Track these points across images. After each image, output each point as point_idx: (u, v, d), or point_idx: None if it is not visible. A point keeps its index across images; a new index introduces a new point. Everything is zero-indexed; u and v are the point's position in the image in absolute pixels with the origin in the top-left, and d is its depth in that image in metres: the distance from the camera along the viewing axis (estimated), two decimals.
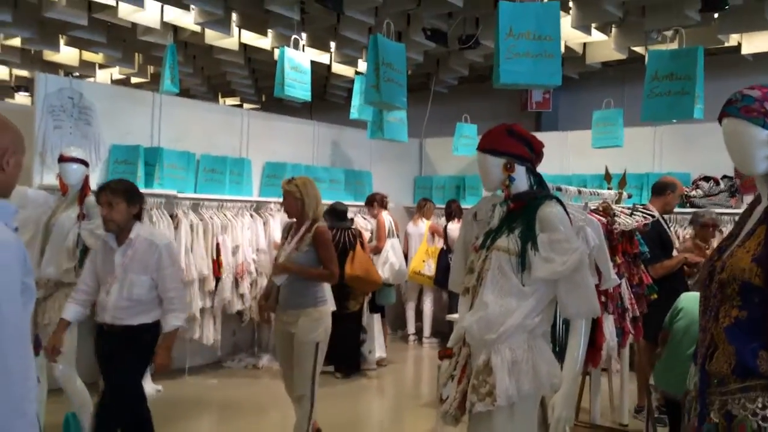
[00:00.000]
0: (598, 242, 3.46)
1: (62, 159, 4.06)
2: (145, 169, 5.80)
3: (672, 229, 5.68)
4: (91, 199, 4.05)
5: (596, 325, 3.53)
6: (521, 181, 2.47)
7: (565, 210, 2.42)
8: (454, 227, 7.25)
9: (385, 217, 7.11)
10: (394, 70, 4.12)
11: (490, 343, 2.29)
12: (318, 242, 3.85)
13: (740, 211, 2.79)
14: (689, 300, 4.21)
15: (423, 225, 7.76)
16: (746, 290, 1.60)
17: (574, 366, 2.27)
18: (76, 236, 3.90)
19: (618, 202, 4.30)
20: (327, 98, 10.67)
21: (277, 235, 6.21)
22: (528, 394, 2.26)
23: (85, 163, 4.10)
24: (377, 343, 6.58)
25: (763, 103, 1.68)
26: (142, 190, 5.72)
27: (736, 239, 1.73)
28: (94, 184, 4.06)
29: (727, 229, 4.52)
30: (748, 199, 5.59)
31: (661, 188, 4.96)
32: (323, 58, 7.95)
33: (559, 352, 2.60)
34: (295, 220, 3.97)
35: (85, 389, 3.87)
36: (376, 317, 6.61)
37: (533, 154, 2.49)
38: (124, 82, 10.25)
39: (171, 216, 5.86)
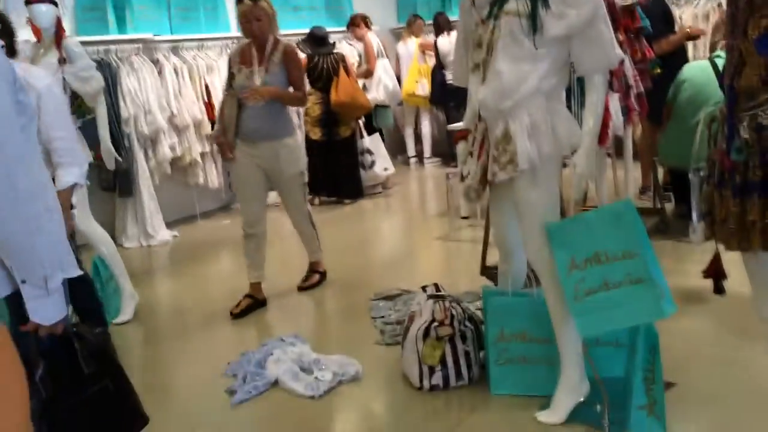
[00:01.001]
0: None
1: (30, 1, 3.81)
2: (116, 13, 5.50)
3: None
4: (70, 41, 3.86)
5: None
6: None
7: None
8: (445, 41, 7.02)
9: (372, 37, 6.86)
10: None
11: (507, 112, 2.26)
12: (290, 60, 3.65)
13: None
14: (692, 69, 4.17)
15: (413, 43, 7.51)
16: None
17: (593, 122, 2.25)
18: (62, 81, 3.76)
19: None
20: None
21: None
22: (549, 155, 2.26)
23: (55, 3, 3.85)
24: (386, 161, 6.64)
25: None
26: (117, 36, 5.56)
27: None
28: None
29: None
30: None
31: None
32: None
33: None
34: (249, 42, 3.65)
35: (102, 230, 3.86)
36: (378, 137, 6.60)
37: None
38: None
39: (152, 61, 5.68)
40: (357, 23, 6.87)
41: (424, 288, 2.92)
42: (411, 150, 8.00)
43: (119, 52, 5.51)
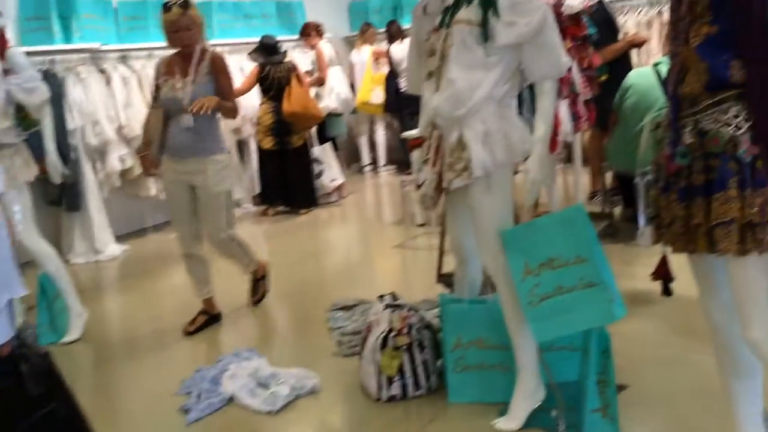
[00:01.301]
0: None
1: None
2: (61, 22, 5.36)
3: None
4: (14, 50, 3.74)
5: None
6: None
7: None
8: (398, 49, 7.05)
9: (324, 45, 6.85)
10: None
11: (461, 119, 2.28)
12: (219, 69, 3.49)
13: None
14: (636, 76, 4.28)
15: (366, 51, 7.52)
16: (717, 3, 1.59)
17: (544, 128, 2.29)
18: (5, 93, 3.63)
19: None
20: None
21: None
22: (502, 162, 2.29)
23: None
24: (335, 171, 6.61)
25: None
26: (62, 46, 5.42)
27: None
28: None
29: None
30: None
31: None
32: None
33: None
34: (175, 53, 3.49)
35: (48, 246, 3.74)
36: (328, 146, 6.58)
37: None
38: None
39: (100, 71, 5.56)
40: (309, 32, 6.85)
41: (381, 297, 2.91)
42: (366, 159, 8.00)
43: (65, 62, 5.37)
